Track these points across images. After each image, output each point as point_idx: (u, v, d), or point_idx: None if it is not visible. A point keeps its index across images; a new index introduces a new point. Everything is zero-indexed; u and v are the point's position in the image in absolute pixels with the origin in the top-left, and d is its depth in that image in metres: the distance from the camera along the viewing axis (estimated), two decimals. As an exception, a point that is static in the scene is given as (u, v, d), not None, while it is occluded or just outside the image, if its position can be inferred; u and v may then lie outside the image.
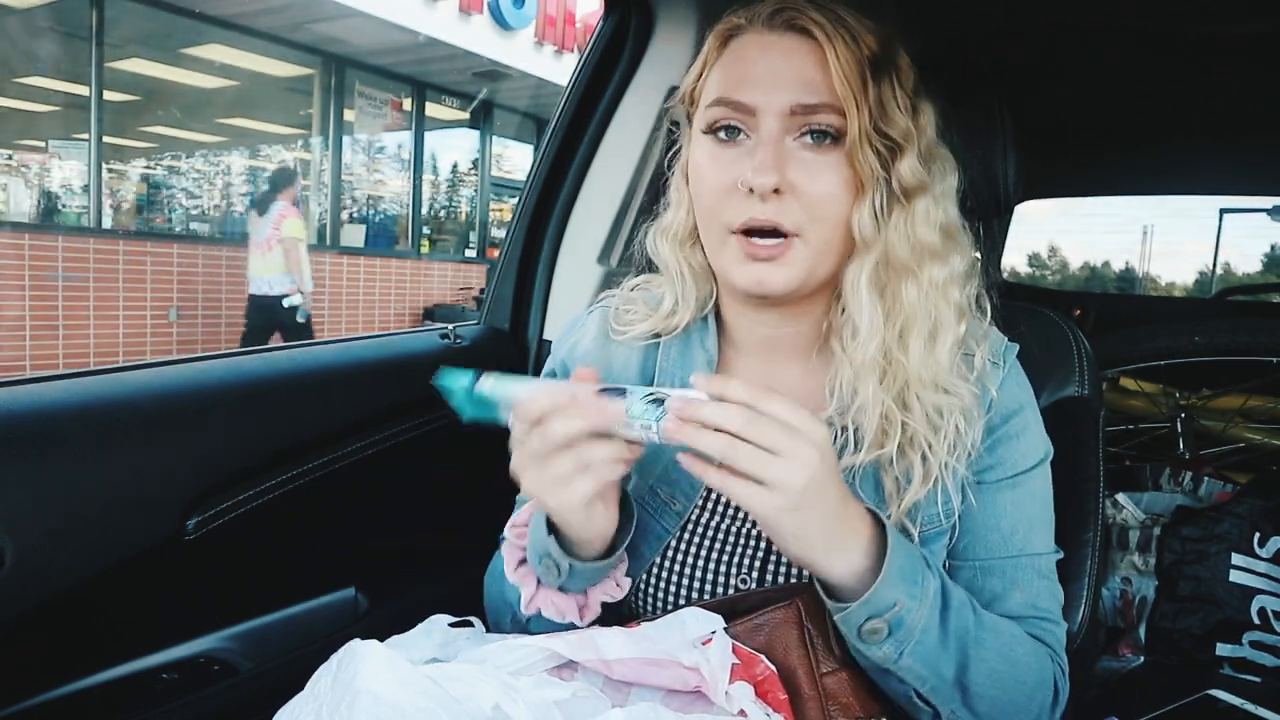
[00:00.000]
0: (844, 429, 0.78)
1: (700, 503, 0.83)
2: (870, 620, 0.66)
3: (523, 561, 0.80)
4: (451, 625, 0.76)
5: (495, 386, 0.69)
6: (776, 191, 0.72)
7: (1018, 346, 0.85)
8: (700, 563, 0.81)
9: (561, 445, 0.67)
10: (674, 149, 0.88)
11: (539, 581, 0.78)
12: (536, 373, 0.97)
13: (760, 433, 0.61)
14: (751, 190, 0.72)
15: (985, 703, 0.72)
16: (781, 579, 0.79)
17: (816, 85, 0.73)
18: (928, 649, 0.68)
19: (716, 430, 0.62)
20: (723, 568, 0.81)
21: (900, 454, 0.76)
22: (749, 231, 0.75)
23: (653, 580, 0.82)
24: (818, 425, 0.64)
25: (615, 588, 0.79)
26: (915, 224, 0.76)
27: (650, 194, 1.30)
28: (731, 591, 0.80)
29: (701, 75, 0.80)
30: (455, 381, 0.70)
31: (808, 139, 0.74)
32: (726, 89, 0.76)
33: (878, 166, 0.74)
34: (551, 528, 0.74)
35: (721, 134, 0.77)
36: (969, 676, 0.70)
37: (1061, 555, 0.83)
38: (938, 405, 0.76)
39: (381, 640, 0.67)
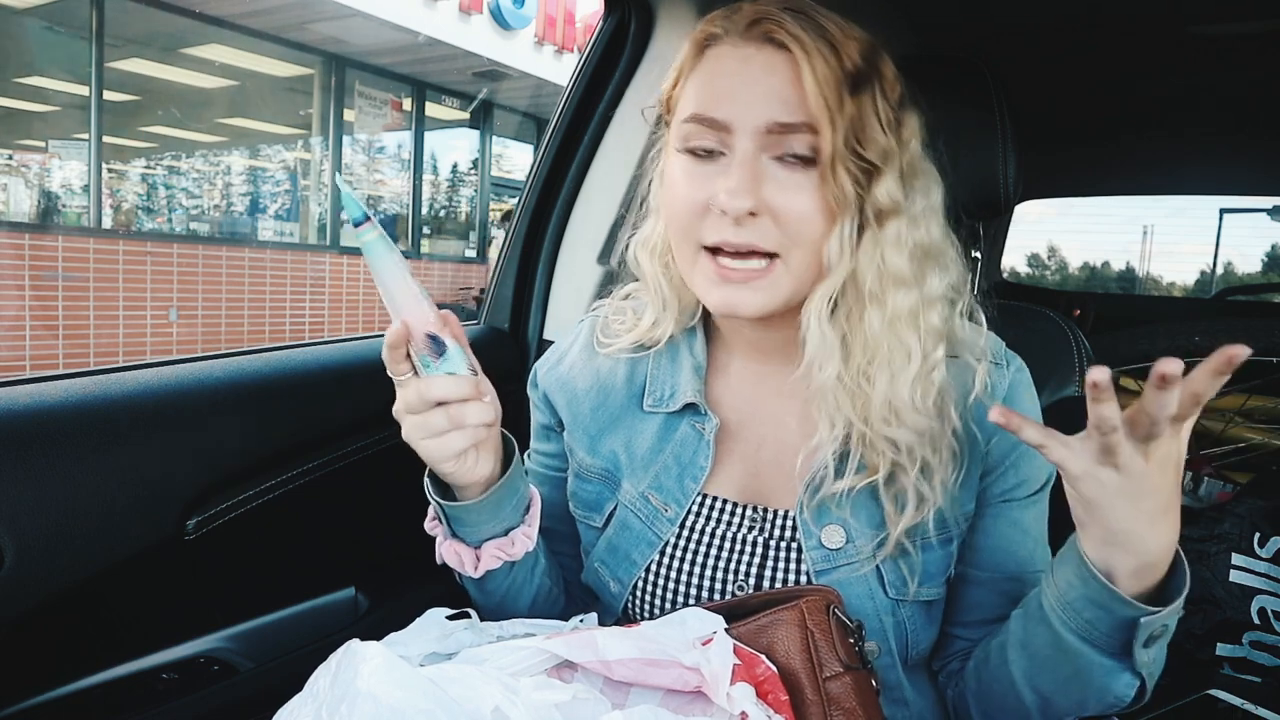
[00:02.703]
0: (835, 452, 0.77)
1: (695, 508, 0.83)
2: (1166, 623, 0.65)
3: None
4: (449, 618, 0.77)
5: (369, 246, 0.68)
6: (752, 214, 0.71)
7: (1018, 356, 0.84)
8: (697, 569, 0.81)
9: (437, 403, 0.70)
10: (651, 151, 0.86)
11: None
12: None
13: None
14: (725, 211, 0.71)
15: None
16: (778, 584, 0.79)
17: (793, 102, 0.70)
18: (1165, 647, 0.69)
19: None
20: (719, 573, 0.81)
21: (893, 479, 0.76)
22: (718, 251, 0.73)
23: (650, 585, 0.82)
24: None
25: (511, 546, 0.80)
26: (885, 249, 0.73)
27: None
28: (729, 597, 0.80)
29: (677, 83, 0.78)
30: (353, 208, 0.67)
31: (784, 158, 0.72)
32: (701, 104, 0.73)
33: (851, 189, 0.71)
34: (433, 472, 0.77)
35: (698, 149, 0.74)
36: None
37: None
38: (920, 435, 0.74)
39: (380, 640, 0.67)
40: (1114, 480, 0.61)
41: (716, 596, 0.80)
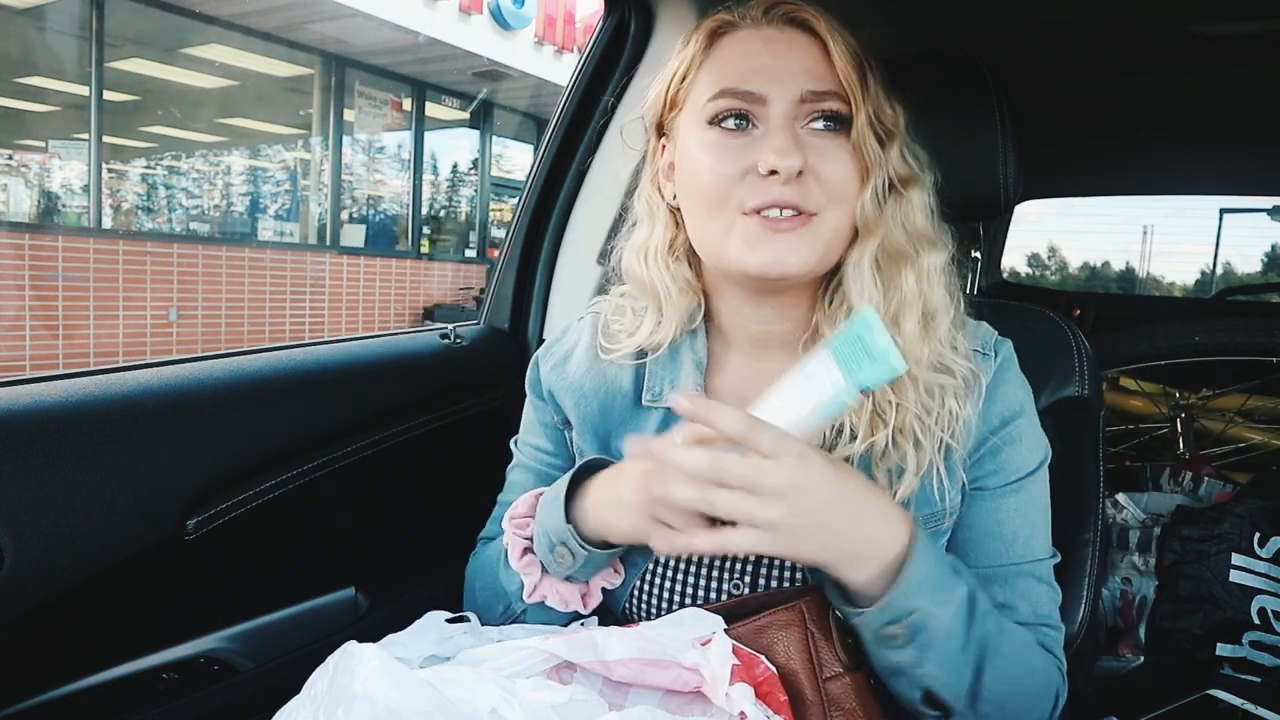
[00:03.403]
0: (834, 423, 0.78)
1: None
2: (888, 626, 0.66)
3: (526, 550, 0.80)
4: (448, 620, 0.77)
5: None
6: (799, 174, 0.73)
7: (1009, 341, 0.84)
8: (693, 567, 0.81)
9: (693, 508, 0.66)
10: (643, 159, 0.87)
11: (543, 570, 0.79)
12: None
13: (730, 475, 0.61)
14: (773, 173, 0.72)
15: (991, 705, 0.72)
16: (775, 583, 0.79)
17: (822, 74, 0.75)
18: (951, 655, 0.68)
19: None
20: (715, 572, 0.81)
21: (893, 444, 0.76)
22: (763, 210, 0.74)
23: (647, 585, 0.82)
24: (793, 447, 0.63)
25: (614, 574, 0.81)
26: (913, 212, 0.77)
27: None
28: (725, 596, 0.80)
29: (686, 76, 0.80)
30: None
31: (816, 125, 0.75)
32: (731, 80, 0.75)
33: (880, 153, 0.75)
34: (568, 517, 0.76)
35: (729, 124, 0.76)
36: (983, 682, 0.70)
37: (1059, 559, 0.83)
38: (929, 385, 0.76)
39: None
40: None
41: (713, 596, 0.80)
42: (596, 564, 0.78)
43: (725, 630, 0.69)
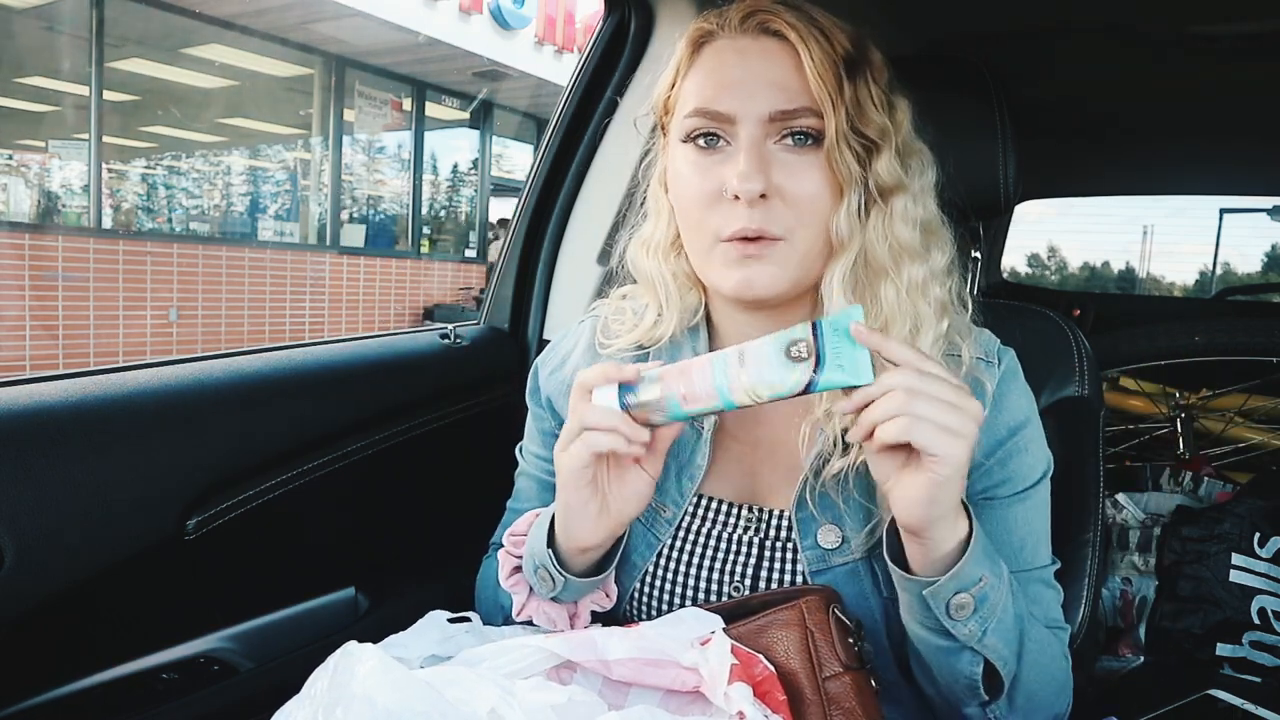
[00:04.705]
0: (832, 431, 0.78)
1: (691, 509, 0.83)
2: (958, 594, 0.66)
3: (516, 569, 0.81)
4: (450, 621, 0.77)
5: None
6: (763, 197, 0.72)
7: (1012, 350, 0.84)
8: (694, 570, 0.81)
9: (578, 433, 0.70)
10: (646, 158, 0.88)
11: (531, 590, 0.80)
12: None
13: (935, 408, 0.61)
14: (737, 197, 0.72)
15: (1024, 696, 0.73)
16: (774, 584, 0.79)
17: (793, 89, 0.73)
18: (1007, 626, 0.69)
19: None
20: (715, 574, 0.81)
21: None
22: (734, 239, 0.74)
23: (647, 587, 0.83)
24: (976, 402, 0.64)
25: (604, 598, 0.81)
26: (894, 223, 0.76)
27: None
28: (725, 598, 0.80)
29: (675, 84, 0.80)
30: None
31: (788, 142, 0.74)
32: (703, 98, 0.75)
33: (856, 167, 0.73)
34: (550, 540, 0.75)
35: (700, 142, 0.76)
36: (1022, 663, 0.72)
37: (1059, 565, 0.83)
38: None
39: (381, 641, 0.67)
40: None
41: (713, 598, 0.80)
42: (579, 588, 0.77)
43: (725, 630, 0.69)
